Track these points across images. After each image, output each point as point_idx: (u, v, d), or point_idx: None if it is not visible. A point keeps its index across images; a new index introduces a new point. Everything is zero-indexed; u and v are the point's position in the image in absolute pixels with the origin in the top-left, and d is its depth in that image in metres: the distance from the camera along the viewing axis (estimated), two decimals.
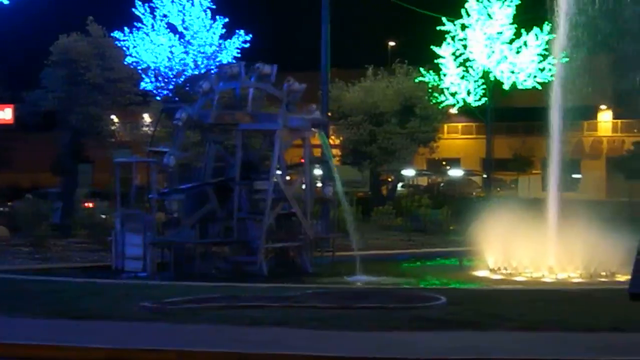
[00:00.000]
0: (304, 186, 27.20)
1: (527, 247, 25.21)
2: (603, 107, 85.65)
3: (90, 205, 42.94)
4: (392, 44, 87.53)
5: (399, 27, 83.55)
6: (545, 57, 50.30)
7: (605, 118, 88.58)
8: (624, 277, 21.56)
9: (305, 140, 27.33)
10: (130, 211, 26.50)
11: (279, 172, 26.32)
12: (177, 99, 27.68)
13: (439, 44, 51.87)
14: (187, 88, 27.21)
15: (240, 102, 27.19)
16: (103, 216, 35.71)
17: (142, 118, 56.36)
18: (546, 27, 47.74)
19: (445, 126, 75.44)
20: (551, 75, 42.77)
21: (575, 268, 24.54)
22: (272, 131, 26.48)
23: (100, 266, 26.19)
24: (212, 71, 29.11)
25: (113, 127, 45.70)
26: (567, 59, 29.74)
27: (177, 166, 25.67)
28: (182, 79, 48.98)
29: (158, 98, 49.35)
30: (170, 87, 50.13)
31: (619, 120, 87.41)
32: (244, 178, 25.84)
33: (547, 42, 48.54)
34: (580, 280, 23.97)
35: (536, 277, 24.62)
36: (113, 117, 47.07)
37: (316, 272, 25.64)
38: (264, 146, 28.76)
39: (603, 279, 23.96)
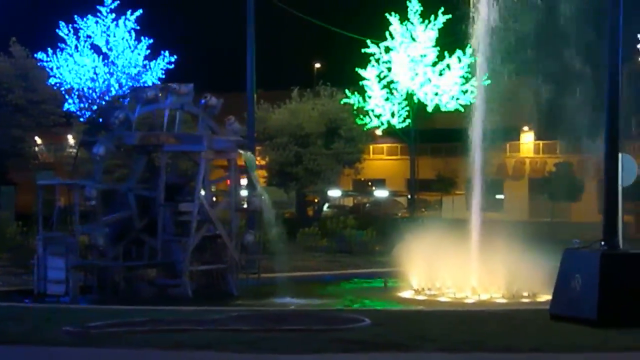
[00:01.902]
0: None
1: (450, 268, 25.42)
2: (525, 128, 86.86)
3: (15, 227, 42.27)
4: (317, 65, 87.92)
5: (325, 49, 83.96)
6: (467, 79, 50.94)
7: (527, 139, 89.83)
8: (545, 298, 21.84)
9: (231, 161, 27.31)
10: (53, 234, 26.16)
11: (203, 192, 26.25)
12: (100, 120, 27.32)
13: (364, 66, 52.26)
14: (100, 120, 26.90)
15: (163, 124, 27.08)
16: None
17: (66, 139, 55.87)
18: (468, 49, 48.35)
19: (371, 147, 75.91)
20: (473, 98, 43.37)
21: (498, 289, 24.80)
22: (197, 153, 26.40)
23: (22, 290, 25.79)
24: (126, 97, 28.83)
25: (36, 149, 45.25)
26: (488, 81, 30.17)
27: (99, 196, 25.39)
28: (105, 100, 48.70)
29: (82, 119, 49.00)
30: (94, 108, 49.82)
31: (541, 142, 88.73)
32: (169, 200, 25.71)
33: (469, 65, 49.18)
34: (502, 300, 24.23)
35: (459, 297, 24.82)
36: (36, 138, 46.58)
37: (241, 294, 25.56)
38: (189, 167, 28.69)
39: (525, 300, 24.24)
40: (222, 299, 24.11)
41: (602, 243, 16.58)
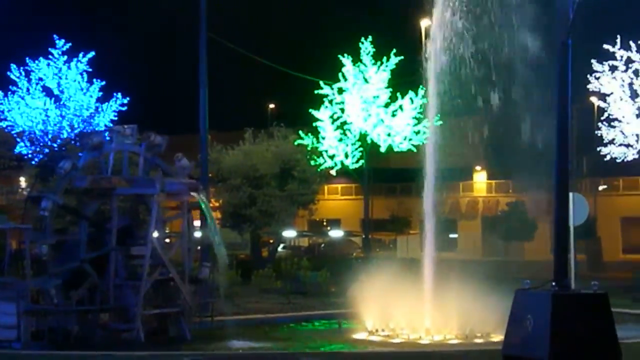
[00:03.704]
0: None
1: (404, 309, 25.47)
2: (478, 168, 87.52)
3: None
4: (271, 106, 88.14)
5: (278, 90, 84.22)
6: (420, 120, 51.26)
7: (480, 179, 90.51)
8: (498, 338, 21.90)
9: (184, 204, 27.22)
10: (4, 279, 25.87)
11: (156, 235, 26.11)
12: (49, 168, 27.13)
13: (317, 107, 52.43)
14: (46, 167, 26.77)
15: (127, 166, 26.99)
16: None
17: (18, 182, 55.43)
18: (420, 91, 48.73)
19: (326, 187, 76.07)
20: (425, 138, 43.63)
21: (451, 329, 24.84)
22: (150, 195, 26.28)
23: None
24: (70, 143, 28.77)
25: None
26: (440, 122, 30.36)
27: (50, 250, 25.17)
28: (57, 143, 48.44)
29: (33, 162, 48.66)
30: (46, 151, 49.50)
31: (493, 181, 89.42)
32: (121, 243, 25.54)
33: (422, 106, 49.52)
34: (456, 341, 24.26)
35: (413, 338, 24.83)
36: None
37: (195, 338, 25.39)
38: (140, 210, 28.50)
39: (478, 340, 24.30)
40: (175, 343, 23.95)
41: (553, 283, 16.65)
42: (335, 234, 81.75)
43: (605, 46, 47.47)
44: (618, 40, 47.59)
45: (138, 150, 27.00)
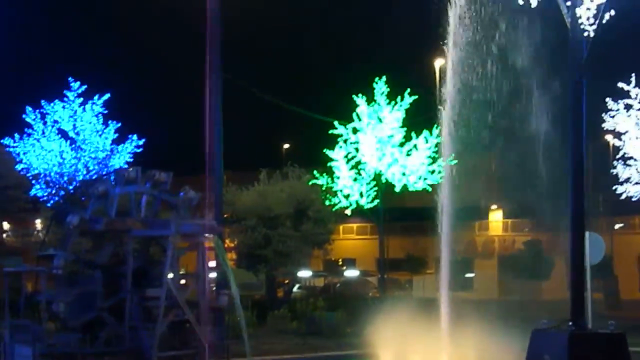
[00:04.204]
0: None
1: (421, 349, 25.33)
2: (494, 207, 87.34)
3: None
4: (286, 146, 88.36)
5: (292, 130, 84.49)
6: (434, 159, 51.24)
7: (496, 217, 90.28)
8: None
9: (199, 245, 27.18)
10: (20, 322, 25.85)
11: (171, 276, 26.05)
12: (70, 202, 27.22)
13: (332, 147, 52.50)
14: (80, 192, 26.75)
15: (135, 208, 26.98)
16: None
17: (34, 224, 55.56)
18: (435, 130, 48.75)
19: (341, 227, 76.00)
20: (441, 177, 43.63)
21: None
22: (165, 237, 26.26)
23: None
24: (108, 175, 28.78)
25: (3, 235, 44.98)
26: (455, 161, 30.34)
27: (66, 271, 25.18)
28: (73, 185, 48.59)
29: (49, 205, 48.81)
30: (62, 193, 49.66)
31: (509, 220, 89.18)
32: (136, 285, 25.49)
33: (436, 145, 49.53)
34: None
35: None
36: (3, 223, 46.34)
37: None
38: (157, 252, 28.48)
39: None
40: None
41: (570, 323, 16.57)
42: (351, 273, 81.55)
43: (620, 84, 47.47)
44: (632, 79, 47.58)
45: (143, 190, 27.00)
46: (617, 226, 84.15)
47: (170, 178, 27.01)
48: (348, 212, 58.46)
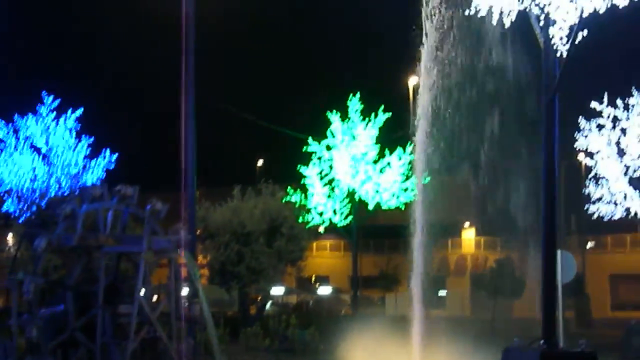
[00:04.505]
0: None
1: None
2: (466, 224, 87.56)
3: None
4: (260, 163, 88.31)
5: (267, 147, 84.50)
6: (408, 177, 51.38)
7: (468, 235, 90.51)
8: None
9: (172, 261, 27.08)
10: None
11: (143, 292, 25.92)
12: (39, 222, 26.96)
13: (306, 164, 52.54)
14: (47, 213, 26.56)
15: (102, 224, 26.83)
16: None
17: (5, 241, 55.19)
18: (408, 147, 48.91)
19: (314, 244, 75.95)
20: (414, 195, 43.67)
21: None
22: (137, 253, 26.15)
23: None
24: (74, 195, 28.60)
25: None
26: (428, 179, 30.40)
27: (37, 292, 24.98)
28: (45, 201, 48.34)
29: (21, 220, 48.54)
30: (34, 208, 49.37)
31: (482, 238, 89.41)
32: (107, 302, 25.35)
33: (410, 163, 49.68)
34: None
35: None
36: None
37: None
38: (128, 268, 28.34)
39: None
40: None
41: (542, 342, 16.62)
42: (324, 291, 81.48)
43: (593, 104, 47.75)
44: (605, 98, 47.88)
45: (140, 214, 26.92)
46: (588, 245, 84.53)
47: (137, 192, 26.89)
48: (321, 229, 58.48)
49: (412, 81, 51.67)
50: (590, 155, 49.05)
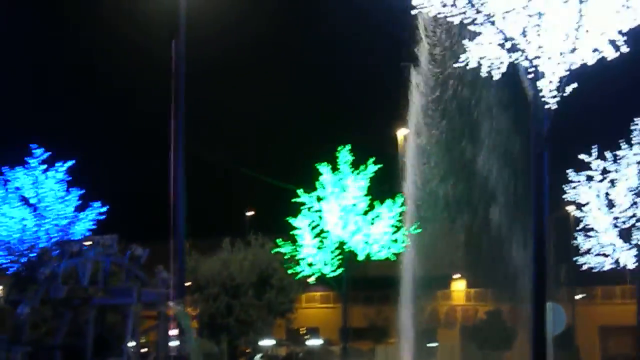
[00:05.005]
0: None
1: None
2: (456, 276, 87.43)
3: None
4: (249, 214, 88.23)
5: (256, 197, 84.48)
6: (398, 228, 51.36)
7: (459, 287, 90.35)
8: None
9: (161, 313, 26.96)
10: None
11: (132, 344, 25.79)
12: (27, 275, 26.88)
13: (296, 215, 52.48)
14: (27, 276, 26.51)
15: (83, 276, 26.77)
16: None
17: None
18: (398, 199, 48.93)
19: (304, 295, 75.73)
20: (404, 246, 43.65)
21: None
22: (127, 305, 26.04)
23: None
24: (52, 251, 28.51)
25: None
26: (418, 230, 30.42)
27: (25, 357, 24.84)
28: (34, 252, 48.19)
29: (9, 272, 48.36)
30: (23, 260, 49.19)
31: (472, 290, 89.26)
32: (96, 354, 25.21)
33: (400, 214, 49.66)
34: None
35: None
36: None
37: None
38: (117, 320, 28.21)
39: None
40: None
41: None
42: (314, 342, 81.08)
43: (581, 156, 47.93)
44: (594, 151, 48.07)
45: (119, 261, 26.88)
46: (578, 297, 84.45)
47: (116, 240, 26.86)
48: (311, 280, 58.34)
49: (401, 132, 51.86)
50: (579, 207, 49.16)
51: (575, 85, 17.10)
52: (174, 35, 31.57)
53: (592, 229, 49.03)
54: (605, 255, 49.04)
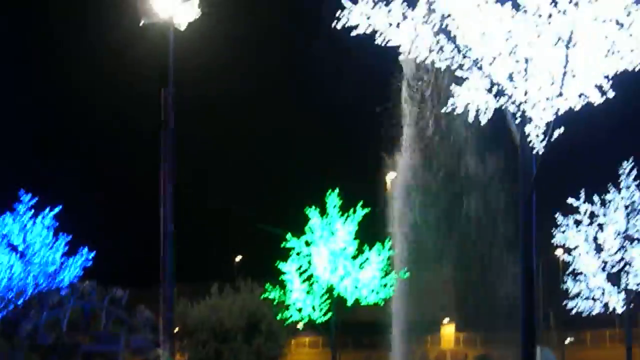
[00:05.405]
0: None
1: None
2: (446, 320, 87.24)
3: None
4: (238, 259, 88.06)
5: (245, 242, 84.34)
6: (387, 272, 51.27)
7: (448, 331, 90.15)
8: None
9: (148, 359, 26.88)
10: None
11: None
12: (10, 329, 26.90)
13: (284, 260, 52.37)
14: (8, 333, 26.53)
15: (64, 323, 26.71)
16: None
17: None
18: (387, 243, 48.90)
19: (293, 341, 75.38)
20: (393, 291, 43.53)
21: None
22: (115, 352, 25.97)
23: None
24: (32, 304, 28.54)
25: None
26: (407, 274, 30.37)
27: None
28: (21, 299, 47.92)
29: None
30: (10, 307, 48.86)
31: (461, 333, 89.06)
32: None
33: (389, 258, 49.60)
34: None
35: None
36: None
37: None
38: None
39: None
40: None
41: None
42: None
43: (570, 200, 48.03)
44: (582, 194, 48.19)
45: (100, 306, 26.85)
46: (567, 341, 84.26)
47: (95, 286, 26.86)
48: (300, 325, 58.12)
49: (390, 176, 51.94)
50: (568, 250, 49.21)
51: (562, 129, 17.19)
52: (164, 83, 31.73)
53: (580, 273, 49.05)
54: (594, 300, 49.01)
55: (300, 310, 52.44)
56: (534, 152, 17.11)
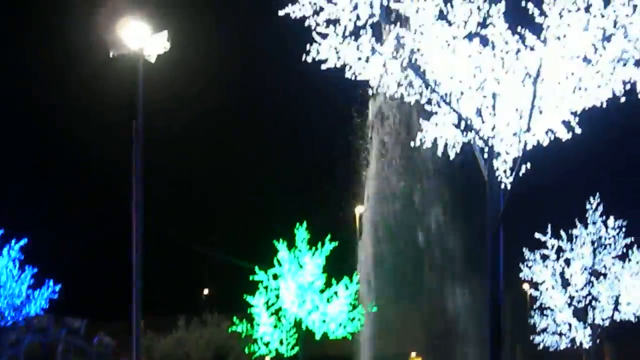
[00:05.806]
0: None
1: None
2: (413, 354, 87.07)
3: None
4: (205, 292, 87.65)
5: (212, 275, 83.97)
6: (355, 306, 51.24)
7: None
8: None
9: None
10: None
11: None
12: None
13: (252, 293, 52.21)
14: None
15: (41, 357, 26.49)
16: None
17: None
18: (355, 277, 48.90)
19: None
20: (360, 325, 43.49)
21: None
22: None
23: None
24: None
25: None
26: (375, 308, 30.39)
27: None
28: None
29: None
30: None
31: None
32: None
33: (356, 292, 49.59)
34: None
35: None
36: None
37: None
38: None
39: None
40: None
41: None
42: None
43: (537, 235, 48.26)
44: (549, 230, 48.45)
45: (57, 337, 26.64)
46: None
47: (52, 319, 26.71)
48: (268, 359, 57.85)
49: (358, 210, 52.01)
50: (535, 285, 49.41)
51: (529, 165, 17.27)
52: (134, 113, 31.69)
53: (548, 308, 49.23)
54: (561, 334, 49.20)
55: (267, 344, 52.24)
56: (502, 186, 17.18)
